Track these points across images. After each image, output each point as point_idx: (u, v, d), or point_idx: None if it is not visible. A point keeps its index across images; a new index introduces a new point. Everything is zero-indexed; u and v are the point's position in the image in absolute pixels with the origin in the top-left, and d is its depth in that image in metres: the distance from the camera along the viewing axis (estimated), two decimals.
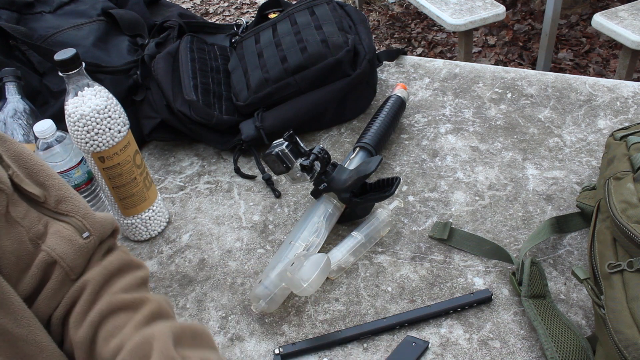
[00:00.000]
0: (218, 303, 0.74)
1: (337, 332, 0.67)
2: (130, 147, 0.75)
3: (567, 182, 0.83)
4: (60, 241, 0.51)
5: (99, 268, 0.54)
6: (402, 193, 0.86)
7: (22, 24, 1.00)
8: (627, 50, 2.02)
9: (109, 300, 0.52)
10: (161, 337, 0.48)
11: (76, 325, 0.51)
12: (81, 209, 0.54)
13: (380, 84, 1.10)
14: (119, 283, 0.54)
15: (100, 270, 0.53)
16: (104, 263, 0.54)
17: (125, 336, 0.49)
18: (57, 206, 0.53)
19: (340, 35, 0.96)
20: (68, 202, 0.54)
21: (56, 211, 0.53)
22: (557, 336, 0.60)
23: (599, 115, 0.94)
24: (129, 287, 0.54)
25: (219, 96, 0.99)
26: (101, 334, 0.50)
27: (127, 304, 0.52)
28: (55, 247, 0.51)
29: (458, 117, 0.99)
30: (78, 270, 0.53)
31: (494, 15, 2.33)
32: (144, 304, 0.53)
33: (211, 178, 0.95)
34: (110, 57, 1.02)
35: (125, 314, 0.51)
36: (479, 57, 2.93)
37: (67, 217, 0.53)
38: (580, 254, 0.72)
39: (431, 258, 0.75)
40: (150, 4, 1.26)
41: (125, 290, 0.53)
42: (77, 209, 0.54)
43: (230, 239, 0.83)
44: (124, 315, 0.51)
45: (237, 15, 3.87)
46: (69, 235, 0.52)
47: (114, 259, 0.55)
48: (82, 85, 0.69)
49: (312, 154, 0.75)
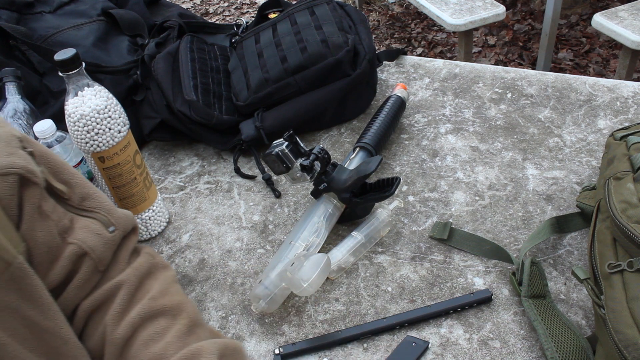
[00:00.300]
0: (218, 303, 0.74)
1: (337, 332, 0.67)
2: (130, 147, 0.75)
3: (567, 182, 0.83)
4: (89, 235, 0.55)
5: (131, 270, 0.57)
6: (402, 193, 0.86)
7: (22, 24, 1.00)
8: (627, 50, 2.02)
9: (149, 304, 0.55)
10: (208, 353, 0.51)
11: (114, 324, 0.54)
12: (105, 205, 0.58)
13: (380, 84, 1.10)
14: (154, 285, 0.58)
15: (133, 272, 0.57)
16: (134, 265, 0.58)
17: (169, 345, 0.52)
18: (82, 203, 0.57)
19: (340, 35, 0.96)
20: (92, 199, 0.58)
21: (80, 208, 0.57)
22: (557, 336, 0.60)
23: (599, 115, 0.94)
24: (164, 290, 0.57)
25: (219, 96, 0.99)
26: (140, 336, 0.53)
27: (166, 309, 0.55)
28: (86, 240, 0.54)
29: (458, 117, 0.99)
30: (105, 262, 0.56)
31: (494, 15, 2.33)
32: (182, 310, 0.56)
33: (211, 178, 0.95)
34: (110, 57, 1.02)
35: (165, 320, 0.55)
36: (479, 57, 2.93)
37: (92, 213, 0.57)
38: (580, 254, 0.72)
39: (431, 258, 0.75)
40: (150, 4, 1.26)
41: (162, 294, 0.57)
42: (101, 205, 0.58)
43: (230, 239, 0.83)
44: (164, 320, 0.54)
45: (237, 15, 3.87)
46: (97, 230, 0.56)
47: (142, 261, 0.59)
48: (82, 85, 0.69)
49: (312, 154, 0.75)
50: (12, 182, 0.49)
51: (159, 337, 0.53)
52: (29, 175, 0.50)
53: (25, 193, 0.50)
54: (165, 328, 0.54)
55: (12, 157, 0.50)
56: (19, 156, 0.51)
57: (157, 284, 0.58)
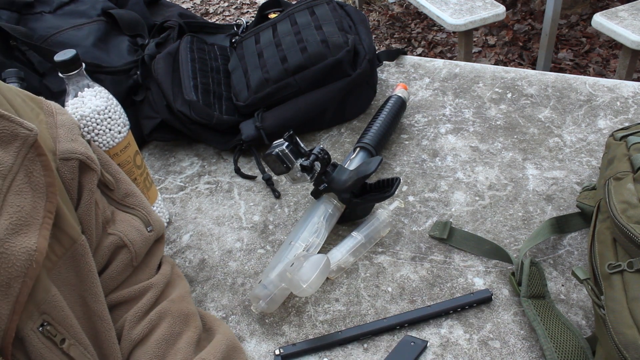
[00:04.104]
0: (218, 303, 0.74)
1: (337, 333, 0.67)
2: (130, 148, 0.75)
3: (567, 182, 0.83)
4: (131, 229, 0.58)
5: (160, 276, 0.61)
6: (402, 193, 0.86)
7: (22, 24, 1.00)
8: (627, 50, 2.02)
9: (168, 306, 0.58)
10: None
11: (135, 322, 0.56)
12: (145, 205, 0.62)
13: (380, 84, 1.10)
14: (174, 292, 0.61)
15: (162, 278, 0.61)
16: (162, 271, 0.62)
17: (178, 352, 0.55)
18: (124, 199, 0.60)
19: (340, 35, 0.96)
20: (134, 197, 0.61)
21: (122, 203, 0.60)
22: (556, 336, 0.60)
23: (599, 115, 0.94)
24: (182, 297, 0.61)
25: (219, 96, 0.99)
26: (155, 335, 0.56)
27: (183, 313, 0.59)
28: (127, 233, 0.57)
29: (458, 117, 0.99)
30: (140, 258, 0.59)
31: (494, 15, 2.33)
32: (195, 319, 0.60)
33: (211, 178, 0.95)
34: (110, 58, 1.02)
35: (179, 324, 0.58)
36: (479, 57, 2.93)
37: (132, 209, 0.60)
38: (580, 254, 0.72)
39: (431, 258, 0.75)
40: (150, 4, 1.26)
41: (180, 299, 0.60)
42: (142, 204, 0.61)
43: (230, 240, 0.83)
44: (179, 324, 0.58)
45: (237, 15, 3.87)
46: (138, 226, 0.59)
47: (167, 269, 0.63)
48: (82, 86, 0.69)
49: (312, 154, 0.75)
50: (73, 166, 0.52)
51: (173, 341, 0.56)
52: (88, 161, 0.53)
53: (84, 178, 0.53)
54: (179, 333, 0.56)
55: (74, 144, 0.53)
56: (80, 143, 0.54)
57: (176, 291, 0.61)
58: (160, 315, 0.57)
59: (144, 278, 0.60)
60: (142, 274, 0.60)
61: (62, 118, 0.55)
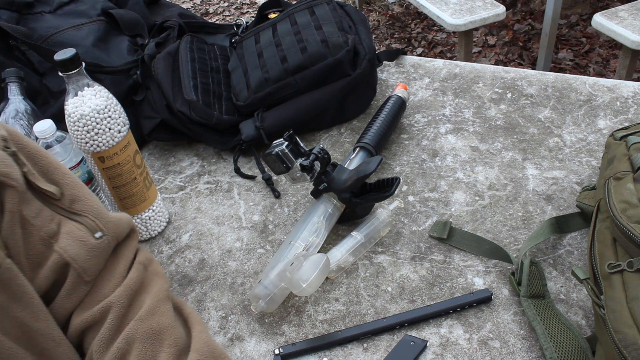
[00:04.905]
0: (218, 303, 0.74)
1: (337, 332, 0.67)
2: (130, 147, 0.75)
3: (567, 182, 0.83)
4: (72, 242, 0.52)
5: (122, 289, 0.54)
6: (402, 193, 0.86)
7: (22, 24, 1.00)
8: (627, 50, 2.02)
9: (136, 327, 0.52)
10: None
11: (102, 350, 0.51)
12: (94, 209, 0.55)
13: (380, 84, 1.10)
14: (145, 301, 0.54)
15: (124, 290, 0.54)
16: (126, 282, 0.54)
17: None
18: (72, 205, 0.53)
19: (340, 35, 0.96)
20: (81, 202, 0.54)
21: (70, 210, 0.53)
22: (556, 336, 0.60)
23: (599, 115, 0.94)
24: (153, 309, 0.54)
25: (219, 96, 0.99)
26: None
27: (153, 333, 0.52)
28: (68, 249, 0.51)
29: (458, 117, 0.99)
30: (92, 271, 0.53)
31: (494, 15, 2.33)
32: (168, 335, 0.53)
33: (211, 178, 0.95)
34: (110, 57, 1.02)
35: (152, 346, 0.51)
36: (479, 57, 2.92)
37: (80, 216, 0.53)
38: (580, 254, 0.72)
39: (431, 258, 0.75)
40: (150, 4, 1.26)
41: (150, 313, 0.53)
42: (90, 209, 0.54)
43: (230, 239, 0.83)
44: (151, 347, 0.51)
45: (237, 15, 3.87)
46: (81, 236, 0.52)
47: (134, 276, 0.55)
48: (82, 85, 0.69)
49: (312, 154, 0.75)
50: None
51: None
52: (3, 178, 0.48)
53: (3, 197, 0.48)
54: (153, 357, 0.51)
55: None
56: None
57: (148, 300, 0.54)
58: (128, 341, 0.51)
59: (108, 291, 0.54)
60: (106, 287, 0.54)
61: None
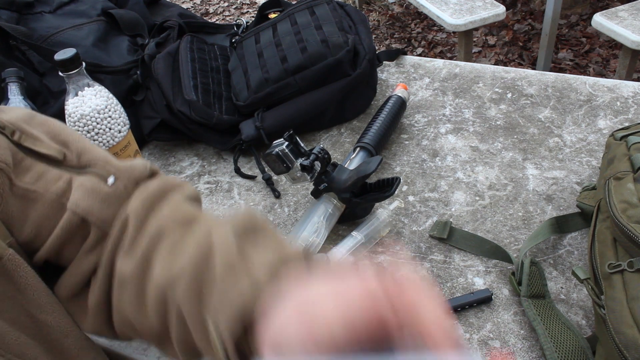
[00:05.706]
0: None
1: None
2: (130, 147, 0.75)
3: (567, 182, 0.83)
4: (83, 194, 0.47)
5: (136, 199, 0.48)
6: (402, 193, 0.86)
7: (22, 24, 1.00)
8: (627, 50, 2.02)
9: (158, 224, 0.46)
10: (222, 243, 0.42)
11: (125, 256, 0.46)
12: (102, 155, 0.51)
13: (380, 84, 1.10)
14: (167, 206, 0.48)
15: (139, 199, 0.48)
16: (141, 189, 0.49)
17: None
18: (80, 159, 0.50)
19: (340, 35, 0.96)
20: (88, 152, 0.50)
21: (79, 165, 0.49)
22: (556, 336, 0.60)
23: (599, 115, 0.94)
24: (179, 203, 0.48)
25: (219, 96, 0.99)
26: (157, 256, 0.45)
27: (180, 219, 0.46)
28: (80, 202, 0.47)
29: (458, 117, 0.99)
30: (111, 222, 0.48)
31: (494, 15, 2.33)
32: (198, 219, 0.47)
33: (211, 178, 0.95)
34: (110, 57, 1.02)
35: (181, 229, 0.45)
36: (479, 57, 2.93)
37: (89, 168, 0.49)
38: (580, 254, 0.72)
39: (431, 258, 0.75)
40: (150, 4, 1.26)
41: (176, 208, 0.48)
42: (98, 156, 0.50)
43: None
44: (180, 229, 0.45)
45: (237, 15, 3.87)
46: (92, 186, 0.48)
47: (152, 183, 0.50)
48: (82, 85, 0.69)
49: (312, 154, 0.75)
50: None
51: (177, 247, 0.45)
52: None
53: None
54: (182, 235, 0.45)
55: None
56: None
57: (171, 203, 0.49)
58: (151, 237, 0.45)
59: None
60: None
61: None
